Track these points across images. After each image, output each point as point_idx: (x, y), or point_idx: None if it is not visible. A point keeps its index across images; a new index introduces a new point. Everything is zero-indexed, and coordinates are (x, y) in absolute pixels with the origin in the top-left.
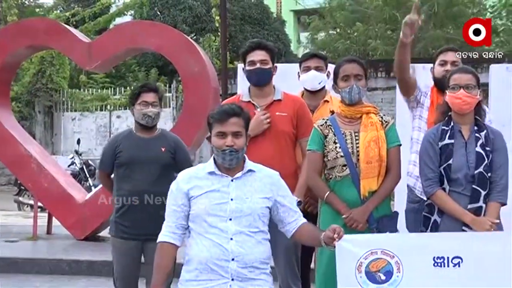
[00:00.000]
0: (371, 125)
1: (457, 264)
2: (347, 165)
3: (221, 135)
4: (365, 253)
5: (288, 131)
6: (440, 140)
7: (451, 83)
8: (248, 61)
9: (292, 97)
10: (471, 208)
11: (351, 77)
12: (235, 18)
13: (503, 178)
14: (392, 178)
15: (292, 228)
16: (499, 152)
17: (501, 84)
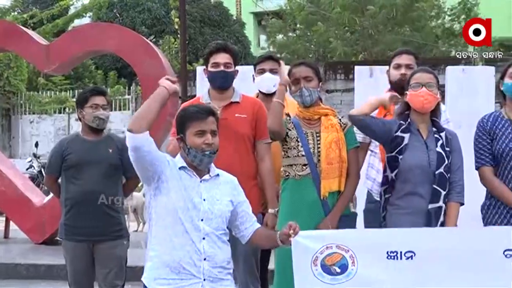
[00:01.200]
0: (331, 127)
1: (410, 257)
2: (308, 165)
3: (201, 133)
4: (320, 248)
5: (247, 133)
6: (396, 131)
7: (412, 82)
8: (212, 62)
9: (251, 99)
10: (432, 208)
11: (300, 80)
12: (194, 20)
13: (461, 179)
14: (352, 179)
15: (248, 233)
16: (456, 153)
17: (457, 85)
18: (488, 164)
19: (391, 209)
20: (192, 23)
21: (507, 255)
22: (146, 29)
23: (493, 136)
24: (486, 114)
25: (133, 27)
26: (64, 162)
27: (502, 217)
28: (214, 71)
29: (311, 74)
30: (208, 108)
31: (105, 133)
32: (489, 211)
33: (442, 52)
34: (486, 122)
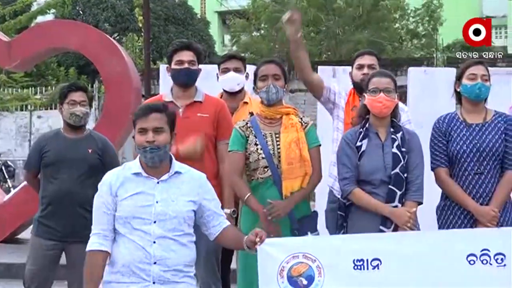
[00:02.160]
0: (291, 126)
1: (376, 267)
2: (269, 167)
3: (142, 131)
4: (287, 257)
5: (209, 132)
6: (358, 141)
7: (370, 87)
8: (176, 60)
9: (213, 99)
10: None
11: (269, 77)
12: (158, 18)
13: (418, 177)
14: (313, 177)
15: (216, 231)
16: (415, 152)
17: (419, 86)
18: (443, 165)
19: (353, 209)
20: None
21: (471, 261)
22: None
23: (448, 138)
24: (442, 115)
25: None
26: (42, 160)
27: (456, 218)
28: (178, 68)
29: (280, 73)
30: (153, 105)
31: (87, 131)
32: (444, 212)
33: (406, 53)
34: (442, 123)
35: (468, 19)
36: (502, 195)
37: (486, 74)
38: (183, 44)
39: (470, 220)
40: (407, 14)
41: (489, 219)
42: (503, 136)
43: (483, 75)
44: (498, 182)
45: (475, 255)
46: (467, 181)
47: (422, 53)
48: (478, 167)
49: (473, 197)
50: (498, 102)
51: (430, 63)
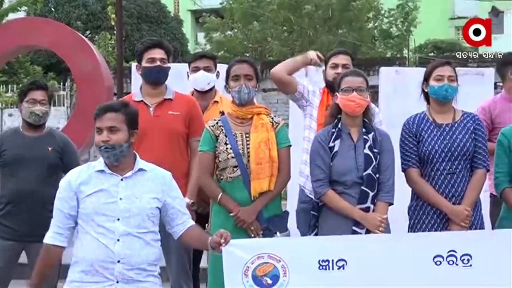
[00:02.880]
0: (261, 126)
1: (341, 267)
2: (238, 166)
3: (98, 130)
4: (252, 258)
5: (180, 130)
6: (330, 142)
7: (343, 86)
8: (148, 58)
9: (184, 96)
10: (360, 209)
11: (241, 77)
12: (131, 16)
13: (390, 179)
14: (281, 178)
15: (179, 230)
16: (386, 153)
17: (390, 86)
18: (414, 166)
19: (325, 209)
20: (129, 19)
21: (437, 262)
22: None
23: (418, 138)
24: (411, 116)
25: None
26: (0, 158)
27: (429, 218)
28: (150, 66)
29: (252, 73)
30: (108, 104)
31: (47, 129)
32: (416, 212)
33: (379, 53)
34: (412, 124)
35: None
36: (474, 194)
37: (453, 75)
38: (154, 42)
39: (442, 219)
40: (381, 15)
41: (462, 219)
42: (472, 135)
43: (449, 76)
44: (469, 181)
45: (442, 256)
46: (439, 181)
47: (393, 52)
48: (450, 167)
49: (446, 197)
50: (469, 102)
51: (402, 63)
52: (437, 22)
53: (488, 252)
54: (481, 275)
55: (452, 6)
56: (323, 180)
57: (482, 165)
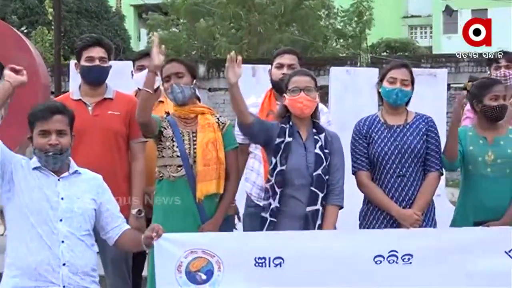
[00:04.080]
0: (208, 126)
1: (278, 265)
2: (183, 166)
3: (44, 133)
4: (185, 252)
5: (120, 131)
6: (280, 136)
7: (290, 86)
8: (86, 56)
9: (125, 96)
10: (309, 211)
11: (171, 76)
12: (70, 11)
13: (340, 181)
14: (232, 182)
15: (115, 234)
16: (336, 154)
17: (341, 87)
18: (364, 168)
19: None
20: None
21: (377, 262)
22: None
23: (369, 140)
24: (362, 118)
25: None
26: None
27: (379, 223)
28: (89, 65)
29: (183, 70)
30: (55, 106)
31: None
32: (366, 217)
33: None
34: (363, 125)
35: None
36: (425, 198)
37: (407, 78)
38: (93, 40)
39: (393, 224)
40: (334, 14)
41: (411, 223)
42: (424, 137)
43: (403, 79)
44: (421, 184)
45: (383, 256)
46: (389, 184)
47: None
48: (400, 169)
49: (396, 200)
50: (422, 103)
51: (354, 63)
52: (390, 21)
53: (430, 251)
54: (421, 273)
55: (405, 5)
56: None
57: (434, 168)
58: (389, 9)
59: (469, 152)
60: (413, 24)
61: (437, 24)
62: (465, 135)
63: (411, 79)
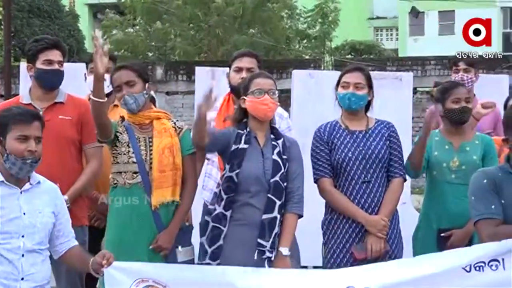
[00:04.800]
0: (164, 131)
1: None
2: (139, 173)
3: (24, 138)
4: (135, 281)
5: (72, 136)
6: (236, 143)
7: (253, 88)
8: (44, 60)
9: (77, 99)
10: (266, 218)
11: (122, 86)
12: (21, 10)
13: (299, 188)
14: (190, 190)
15: (62, 248)
16: (295, 161)
17: (303, 90)
18: (327, 175)
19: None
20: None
21: None
22: None
23: (331, 146)
24: (322, 124)
25: None
26: None
27: (344, 232)
28: (47, 69)
29: (133, 77)
30: (34, 112)
31: None
32: (330, 227)
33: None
34: (324, 132)
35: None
36: (391, 204)
37: (360, 82)
38: (51, 43)
39: (358, 233)
40: (297, 14)
41: (379, 229)
42: (387, 142)
43: (356, 83)
44: (385, 190)
45: None
46: (354, 191)
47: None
48: (365, 175)
49: (361, 207)
50: (388, 107)
51: (317, 66)
52: (355, 22)
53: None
54: None
55: (371, 6)
56: None
57: (398, 174)
58: (354, 11)
59: (434, 158)
60: (379, 26)
61: (403, 26)
62: (431, 140)
63: (368, 83)
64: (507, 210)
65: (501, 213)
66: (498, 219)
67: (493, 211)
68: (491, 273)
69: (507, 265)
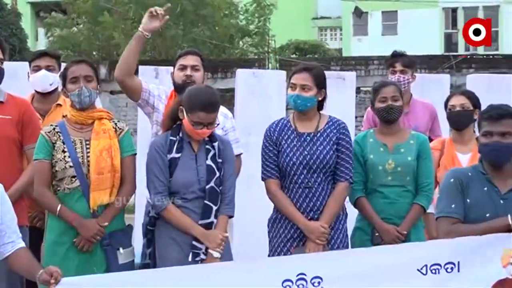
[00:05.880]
0: (103, 133)
1: None
2: (77, 177)
3: None
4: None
5: (12, 136)
6: (169, 152)
7: (195, 119)
8: None
9: (17, 99)
10: (202, 224)
11: (80, 78)
12: None
13: (231, 189)
14: (126, 189)
15: (7, 250)
16: (228, 162)
17: (247, 90)
18: (273, 176)
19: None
20: None
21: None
22: None
23: (279, 148)
24: (274, 122)
25: None
26: None
27: (286, 232)
28: None
29: (92, 74)
30: None
31: None
32: (275, 225)
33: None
34: (273, 131)
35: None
36: (333, 210)
37: (307, 84)
38: None
39: (300, 235)
40: (237, 11)
41: (318, 236)
42: (334, 146)
43: (302, 84)
44: (329, 195)
45: (291, 281)
46: (297, 195)
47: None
48: (309, 180)
49: (303, 211)
50: (330, 106)
51: (262, 65)
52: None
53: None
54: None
55: (315, 6)
56: (162, 193)
57: (344, 178)
58: (299, 10)
59: (370, 161)
60: (323, 26)
61: (347, 26)
62: (365, 143)
63: (316, 83)
64: (473, 209)
65: (461, 213)
66: (455, 218)
67: (453, 210)
68: (446, 275)
69: (462, 269)
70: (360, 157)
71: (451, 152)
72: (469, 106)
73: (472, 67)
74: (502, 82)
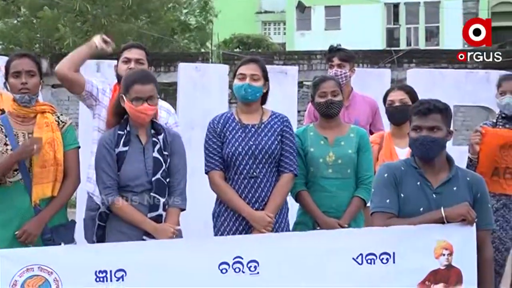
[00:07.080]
0: (46, 126)
1: (120, 278)
2: (19, 170)
3: None
4: (20, 270)
5: None
6: (116, 146)
7: (132, 95)
8: None
9: None
10: (151, 216)
11: (23, 73)
12: None
13: (181, 182)
14: (70, 184)
15: None
16: (177, 155)
17: (190, 84)
18: (217, 168)
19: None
20: None
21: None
22: None
23: (223, 139)
24: (217, 115)
25: None
26: None
27: (231, 224)
28: None
29: (34, 68)
30: None
31: None
32: (219, 218)
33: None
34: (217, 124)
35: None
36: (278, 200)
37: (256, 73)
38: None
39: (245, 226)
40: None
41: (264, 225)
42: (279, 137)
43: (252, 74)
44: (274, 185)
45: (228, 263)
46: (242, 185)
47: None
48: (254, 170)
49: (248, 202)
50: (272, 100)
51: (205, 59)
52: (243, 16)
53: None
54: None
55: (259, 1)
56: (111, 187)
57: (289, 169)
58: (242, 4)
59: (310, 154)
60: (267, 20)
61: (290, 21)
62: (305, 136)
63: (263, 75)
64: (406, 203)
65: (396, 207)
66: (390, 213)
67: (387, 205)
68: (382, 266)
69: (397, 260)
70: (300, 151)
71: (390, 146)
72: (407, 101)
73: (413, 62)
74: (442, 76)
